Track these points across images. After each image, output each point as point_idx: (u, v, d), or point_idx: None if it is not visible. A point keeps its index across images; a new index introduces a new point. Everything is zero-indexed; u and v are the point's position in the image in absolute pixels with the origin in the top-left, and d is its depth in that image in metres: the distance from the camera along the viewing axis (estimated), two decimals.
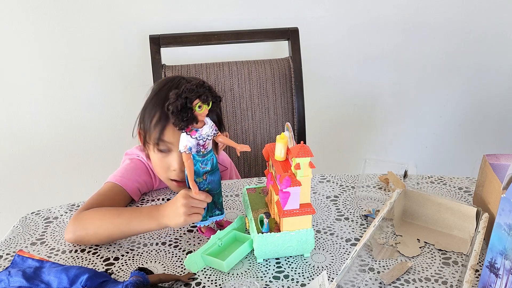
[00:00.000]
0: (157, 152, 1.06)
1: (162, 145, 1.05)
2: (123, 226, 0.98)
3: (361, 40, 1.82)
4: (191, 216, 0.94)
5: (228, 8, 1.71)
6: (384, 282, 0.88)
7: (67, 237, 1.00)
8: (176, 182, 1.09)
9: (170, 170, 1.07)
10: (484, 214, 0.95)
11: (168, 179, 1.09)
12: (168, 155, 1.06)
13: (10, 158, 1.81)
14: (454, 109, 2.00)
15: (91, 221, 0.99)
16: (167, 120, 1.01)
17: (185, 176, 0.97)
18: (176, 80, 1.08)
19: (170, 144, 1.04)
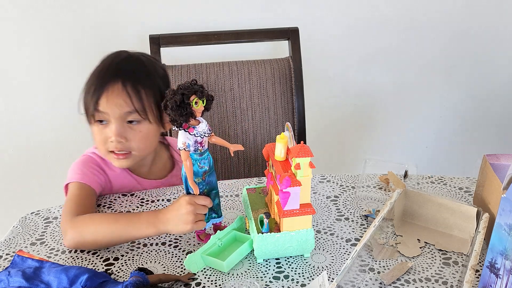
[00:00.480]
0: (96, 124, 1.08)
1: (98, 115, 1.07)
2: (121, 233, 0.97)
3: (361, 40, 1.82)
4: (197, 224, 0.94)
5: (228, 8, 1.71)
6: (384, 282, 0.87)
7: (67, 244, 0.98)
8: (115, 155, 1.09)
9: (108, 141, 1.08)
10: (484, 214, 0.95)
11: (107, 151, 1.10)
12: (106, 127, 1.08)
13: (10, 158, 1.81)
14: (454, 109, 1.99)
15: (89, 229, 0.98)
16: (101, 89, 1.05)
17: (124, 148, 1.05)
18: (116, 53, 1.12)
19: (105, 114, 1.06)
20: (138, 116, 1.08)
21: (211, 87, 1.49)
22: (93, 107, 1.06)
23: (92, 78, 1.09)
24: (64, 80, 1.73)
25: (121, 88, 1.06)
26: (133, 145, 1.09)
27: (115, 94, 1.06)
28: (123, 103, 1.06)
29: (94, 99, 1.06)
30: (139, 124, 1.09)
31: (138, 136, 1.09)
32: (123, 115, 1.07)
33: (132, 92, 1.06)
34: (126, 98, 1.06)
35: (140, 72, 1.10)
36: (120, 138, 1.07)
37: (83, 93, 1.09)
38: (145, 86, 1.09)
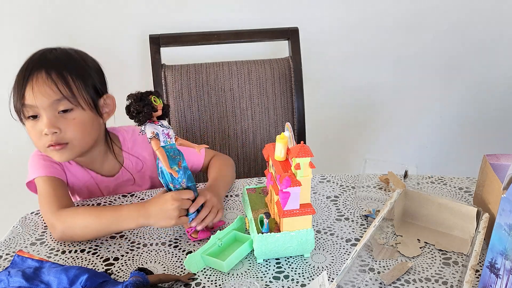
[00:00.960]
0: (28, 121, 1.04)
1: (27, 110, 1.03)
2: (106, 226, 0.99)
3: (361, 40, 1.82)
4: (181, 219, 0.97)
5: (228, 8, 1.70)
6: (384, 282, 0.87)
7: (57, 237, 1.01)
8: (53, 147, 1.04)
9: (43, 136, 1.03)
10: (484, 214, 0.95)
11: (45, 147, 1.05)
12: (38, 121, 1.03)
13: (10, 158, 1.81)
14: (455, 109, 1.99)
15: (77, 223, 1.00)
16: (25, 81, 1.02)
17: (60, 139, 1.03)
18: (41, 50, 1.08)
19: (34, 108, 1.02)
20: (68, 104, 1.03)
21: (211, 87, 1.50)
22: (20, 103, 1.02)
23: (18, 74, 1.05)
24: None
25: (45, 76, 1.02)
26: (68, 135, 1.05)
27: (40, 83, 1.01)
28: (49, 91, 1.02)
29: (19, 93, 1.02)
30: (72, 112, 1.05)
31: (72, 125, 1.04)
32: (52, 105, 1.02)
33: (57, 79, 1.02)
34: (52, 85, 1.02)
35: (64, 60, 1.06)
36: (53, 128, 1.02)
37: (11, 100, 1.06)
38: (72, 72, 1.05)
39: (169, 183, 0.98)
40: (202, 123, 1.51)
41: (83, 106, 1.06)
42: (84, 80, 1.07)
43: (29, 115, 1.03)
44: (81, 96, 1.05)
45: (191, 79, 1.48)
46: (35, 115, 1.03)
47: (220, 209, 1.04)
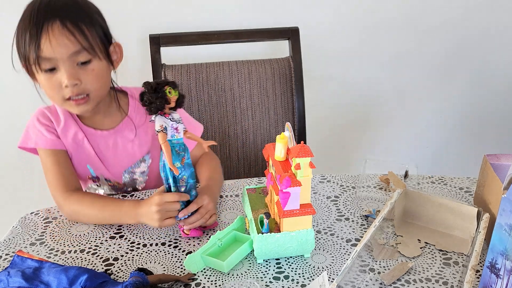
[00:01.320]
0: (44, 74, 1.01)
1: (44, 63, 1.00)
2: (108, 219, 1.05)
3: (362, 40, 1.82)
4: (164, 222, 0.98)
5: (228, 7, 1.70)
6: (384, 282, 0.87)
7: (65, 214, 1.08)
8: (74, 101, 1.03)
9: (62, 87, 1.01)
10: (484, 214, 0.94)
11: (64, 99, 1.04)
12: (56, 73, 1.01)
13: (10, 158, 1.81)
14: (455, 109, 1.99)
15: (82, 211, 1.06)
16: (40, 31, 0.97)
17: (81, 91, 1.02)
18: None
19: (52, 60, 0.99)
20: (87, 55, 1.02)
21: (211, 87, 1.49)
22: (35, 55, 0.98)
23: (23, 24, 0.99)
24: None
25: (61, 27, 0.98)
26: (89, 87, 1.03)
27: (56, 34, 0.97)
28: (68, 42, 0.98)
29: (34, 45, 0.97)
30: (91, 63, 1.03)
31: (91, 76, 1.03)
32: (71, 56, 1.00)
33: (74, 29, 0.99)
34: (70, 36, 0.98)
35: (74, 8, 1.02)
36: (74, 80, 1.00)
37: (18, 47, 1.01)
38: (85, 21, 1.02)
39: (168, 177, 0.98)
40: (202, 123, 1.51)
41: (100, 56, 1.04)
42: (96, 28, 1.04)
43: (46, 68, 1.00)
44: (97, 45, 1.03)
45: (191, 79, 1.48)
46: (53, 68, 1.00)
47: (214, 214, 1.03)
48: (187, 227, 1.00)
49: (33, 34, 0.97)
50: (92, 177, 1.20)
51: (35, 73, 1.03)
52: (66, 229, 1.05)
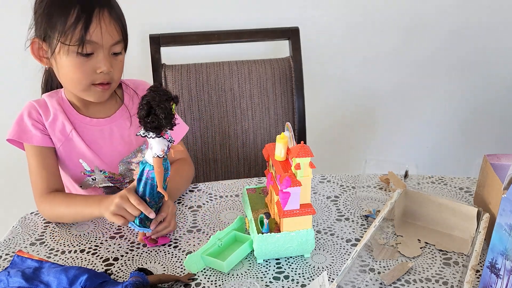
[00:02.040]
0: (78, 57, 0.99)
1: (87, 47, 0.99)
2: (79, 215, 1.04)
3: (362, 40, 1.82)
4: (115, 216, 0.95)
5: (228, 7, 1.70)
6: (384, 282, 0.87)
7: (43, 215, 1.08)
8: (100, 87, 1.04)
9: (95, 73, 1.02)
10: (485, 214, 0.94)
11: (90, 85, 1.04)
12: (91, 58, 1.01)
13: (10, 158, 1.81)
14: (455, 109, 1.99)
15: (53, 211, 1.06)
16: (91, 13, 0.96)
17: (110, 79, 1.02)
18: None
19: (96, 45, 0.99)
20: (121, 47, 1.05)
21: (211, 87, 1.49)
22: (81, 36, 0.96)
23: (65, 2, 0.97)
24: None
25: (109, 16, 1.00)
26: (115, 76, 1.06)
27: (107, 22, 0.99)
28: (114, 32, 1.01)
29: (80, 27, 0.96)
30: (120, 55, 1.06)
31: (119, 66, 1.06)
32: (112, 45, 1.02)
33: (118, 21, 1.02)
34: (116, 26, 1.01)
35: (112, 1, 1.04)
36: (110, 68, 1.02)
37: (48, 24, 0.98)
38: (121, 12, 1.04)
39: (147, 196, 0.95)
40: (202, 123, 1.51)
41: (125, 48, 1.08)
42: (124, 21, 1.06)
43: (86, 52, 0.99)
44: (126, 38, 1.07)
45: (191, 79, 1.48)
46: (91, 53, 1.00)
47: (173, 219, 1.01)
48: (156, 236, 0.98)
49: (82, 16, 0.96)
50: (86, 172, 1.17)
51: (61, 53, 1.00)
52: (66, 229, 1.05)
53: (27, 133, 1.09)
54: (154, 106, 0.84)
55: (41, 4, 1.00)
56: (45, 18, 0.99)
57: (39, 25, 1.00)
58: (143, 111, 0.85)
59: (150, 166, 0.92)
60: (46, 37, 1.00)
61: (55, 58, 1.02)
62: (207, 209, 1.11)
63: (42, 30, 1.00)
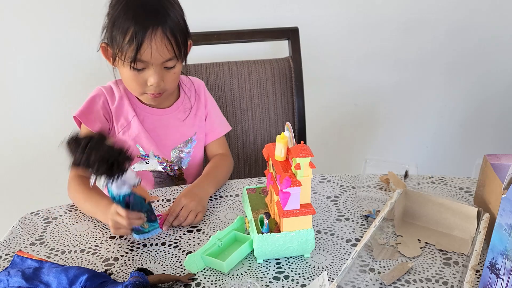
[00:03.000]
0: (132, 70, 1.08)
1: (138, 64, 1.07)
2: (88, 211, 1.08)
3: (362, 40, 1.82)
4: (118, 230, 0.97)
5: (228, 8, 1.70)
6: (384, 282, 0.87)
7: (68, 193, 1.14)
8: (151, 95, 1.14)
9: (146, 85, 1.11)
10: (485, 214, 0.94)
11: (143, 93, 1.14)
12: (143, 72, 1.09)
13: (10, 158, 1.81)
14: (455, 109, 1.99)
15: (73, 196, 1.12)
16: (143, 36, 1.03)
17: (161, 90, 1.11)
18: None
19: (147, 63, 1.07)
20: (175, 61, 1.11)
21: (211, 87, 1.49)
22: (133, 55, 1.05)
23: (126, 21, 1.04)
24: (65, 80, 1.73)
25: (162, 35, 1.06)
26: (167, 87, 1.14)
27: (158, 42, 1.05)
28: (165, 51, 1.07)
29: (134, 47, 1.04)
30: (174, 68, 1.13)
31: (172, 78, 1.14)
32: (163, 62, 1.09)
33: (172, 39, 1.07)
34: (168, 45, 1.07)
35: (170, 12, 1.08)
36: (161, 82, 1.11)
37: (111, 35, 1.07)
38: (177, 28, 1.09)
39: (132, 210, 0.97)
40: None
41: (182, 59, 1.14)
42: (185, 35, 1.12)
43: (138, 68, 1.08)
44: (183, 52, 1.13)
45: None
46: (143, 68, 1.09)
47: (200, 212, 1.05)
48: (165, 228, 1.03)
49: (136, 37, 1.03)
50: (141, 155, 1.24)
51: (119, 63, 1.09)
52: (66, 229, 1.05)
53: (88, 116, 1.18)
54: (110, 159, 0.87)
55: (110, 11, 1.08)
56: (110, 28, 1.08)
57: (106, 31, 1.10)
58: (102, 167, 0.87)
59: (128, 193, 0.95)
60: (109, 44, 1.10)
61: (116, 63, 1.11)
62: (207, 209, 1.11)
63: (107, 37, 1.10)
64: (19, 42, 1.65)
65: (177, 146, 1.27)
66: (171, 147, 1.27)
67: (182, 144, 1.28)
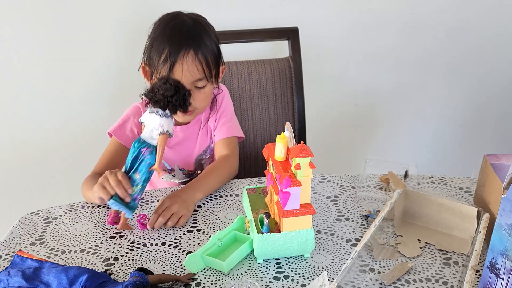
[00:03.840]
0: None
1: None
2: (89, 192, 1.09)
3: (362, 40, 1.82)
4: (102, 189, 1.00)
5: (228, 8, 1.70)
6: (384, 282, 0.87)
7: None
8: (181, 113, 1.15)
9: None
10: (484, 214, 0.95)
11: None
12: None
13: (10, 158, 1.81)
14: (455, 109, 1.99)
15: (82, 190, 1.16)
16: (176, 56, 1.12)
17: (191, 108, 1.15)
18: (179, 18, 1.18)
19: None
20: (205, 82, 1.17)
21: None
22: (167, 74, 1.13)
23: (163, 42, 1.13)
24: (65, 80, 1.73)
25: (194, 57, 1.13)
26: (197, 105, 1.20)
27: (189, 62, 1.13)
28: (195, 71, 1.14)
29: (167, 66, 1.12)
30: (205, 88, 1.19)
31: (202, 97, 1.20)
32: (194, 82, 1.16)
33: (202, 59, 1.14)
34: (198, 65, 1.14)
35: (204, 38, 1.16)
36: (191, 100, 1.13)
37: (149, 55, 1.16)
38: (209, 51, 1.16)
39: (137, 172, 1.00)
40: None
41: (213, 81, 1.20)
42: (216, 58, 1.19)
43: None
44: (214, 73, 1.19)
45: None
46: None
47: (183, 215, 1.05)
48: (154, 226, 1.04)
49: (170, 57, 1.12)
50: (167, 169, 1.33)
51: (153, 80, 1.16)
52: (66, 229, 1.05)
53: (121, 131, 1.24)
54: (181, 88, 0.99)
55: (151, 34, 1.17)
56: (149, 49, 1.17)
57: (146, 52, 1.18)
58: (170, 91, 0.98)
59: (149, 145, 0.99)
60: (148, 64, 1.19)
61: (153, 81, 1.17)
62: (207, 209, 1.11)
63: (146, 57, 1.18)
64: (19, 42, 1.65)
65: (198, 155, 1.34)
66: (193, 158, 1.34)
67: (202, 152, 1.34)
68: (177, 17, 1.18)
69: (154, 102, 0.99)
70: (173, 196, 1.08)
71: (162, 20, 1.18)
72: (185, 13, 1.21)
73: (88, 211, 1.11)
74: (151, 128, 0.99)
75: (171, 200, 1.07)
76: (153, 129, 0.99)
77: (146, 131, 1.00)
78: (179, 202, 1.07)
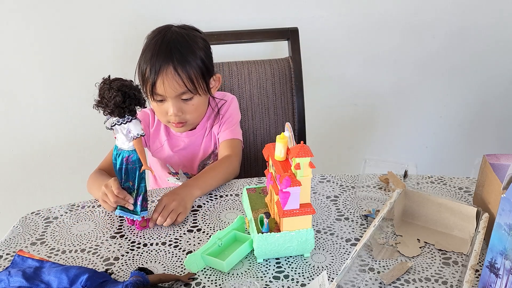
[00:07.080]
0: (155, 101, 1.23)
1: (156, 96, 1.21)
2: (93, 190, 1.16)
3: (361, 40, 1.82)
4: (104, 203, 1.04)
5: (228, 8, 1.71)
6: (384, 282, 0.87)
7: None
8: (175, 124, 1.26)
9: (168, 114, 1.23)
10: (484, 214, 0.95)
11: (168, 121, 1.27)
12: (164, 103, 1.23)
13: (10, 158, 1.81)
14: (454, 109, 1.99)
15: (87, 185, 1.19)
16: (156, 74, 1.18)
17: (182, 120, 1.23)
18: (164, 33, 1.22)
19: (163, 96, 1.21)
20: (190, 94, 1.22)
21: None
22: (151, 90, 1.20)
23: (144, 61, 1.20)
24: (64, 81, 1.73)
25: (173, 72, 1.18)
26: (188, 117, 1.26)
27: (169, 78, 1.18)
28: (176, 85, 1.19)
29: (150, 83, 1.19)
30: (192, 100, 1.24)
31: (191, 109, 1.25)
32: (178, 95, 1.21)
33: (183, 75, 1.19)
34: (179, 80, 1.19)
35: (186, 53, 1.20)
36: (178, 112, 1.23)
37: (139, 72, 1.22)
38: (192, 65, 1.20)
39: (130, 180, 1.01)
40: None
41: (200, 93, 1.24)
42: (201, 69, 1.22)
43: (157, 100, 1.22)
44: (199, 85, 1.23)
45: None
46: (162, 100, 1.22)
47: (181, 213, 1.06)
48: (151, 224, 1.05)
49: (151, 74, 1.18)
50: (172, 173, 1.39)
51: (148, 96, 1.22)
52: (67, 228, 1.05)
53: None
54: (128, 89, 0.93)
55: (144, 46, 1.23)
56: (138, 68, 1.23)
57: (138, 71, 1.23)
58: (118, 97, 0.92)
59: (128, 152, 0.99)
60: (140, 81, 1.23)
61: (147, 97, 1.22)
62: (207, 209, 1.11)
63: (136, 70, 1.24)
64: (19, 42, 1.66)
65: (202, 160, 1.37)
66: (197, 163, 1.38)
67: (206, 157, 1.38)
68: (162, 31, 1.23)
69: (110, 113, 0.95)
70: (171, 194, 1.09)
71: (149, 36, 1.24)
72: (175, 26, 1.25)
73: (88, 211, 1.12)
74: (122, 137, 0.97)
75: (169, 198, 1.07)
76: (123, 137, 0.97)
77: (118, 139, 0.98)
78: (177, 199, 1.07)
